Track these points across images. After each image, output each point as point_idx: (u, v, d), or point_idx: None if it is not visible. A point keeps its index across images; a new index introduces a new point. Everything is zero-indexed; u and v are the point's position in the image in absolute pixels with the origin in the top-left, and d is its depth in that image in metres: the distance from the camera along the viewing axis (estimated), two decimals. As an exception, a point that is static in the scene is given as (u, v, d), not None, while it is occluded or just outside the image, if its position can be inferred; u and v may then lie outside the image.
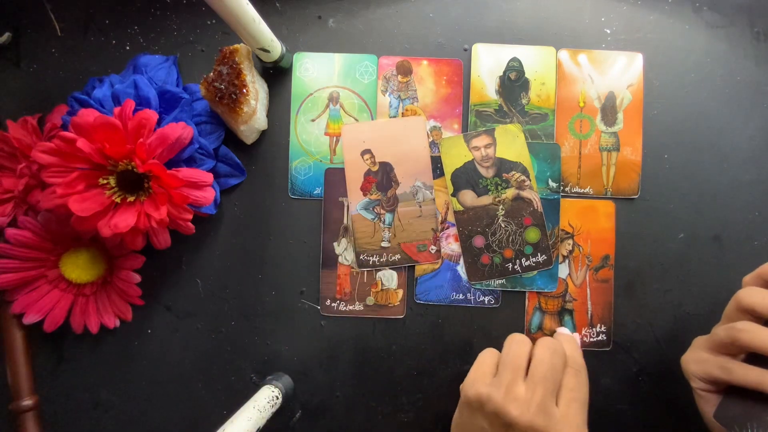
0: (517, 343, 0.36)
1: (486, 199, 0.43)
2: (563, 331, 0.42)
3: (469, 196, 0.43)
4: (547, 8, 0.44)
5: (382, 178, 0.43)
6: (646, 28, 0.44)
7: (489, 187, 0.43)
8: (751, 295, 0.32)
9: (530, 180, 0.42)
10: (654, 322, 0.43)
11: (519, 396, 0.33)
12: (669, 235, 0.43)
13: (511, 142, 0.43)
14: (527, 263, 0.43)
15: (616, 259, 0.43)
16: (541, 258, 0.43)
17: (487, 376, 0.35)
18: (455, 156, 0.43)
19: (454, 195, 0.43)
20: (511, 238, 0.43)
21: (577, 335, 0.42)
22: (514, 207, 0.43)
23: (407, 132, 0.43)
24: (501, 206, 0.43)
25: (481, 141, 0.43)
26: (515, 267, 0.43)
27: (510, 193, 0.42)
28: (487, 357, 0.37)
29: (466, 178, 0.43)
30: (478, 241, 0.43)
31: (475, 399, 0.34)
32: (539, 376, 0.34)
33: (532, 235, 0.42)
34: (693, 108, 0.44)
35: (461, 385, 0.36)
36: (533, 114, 0.43)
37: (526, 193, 0.42)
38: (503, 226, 0.43)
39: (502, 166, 0.43)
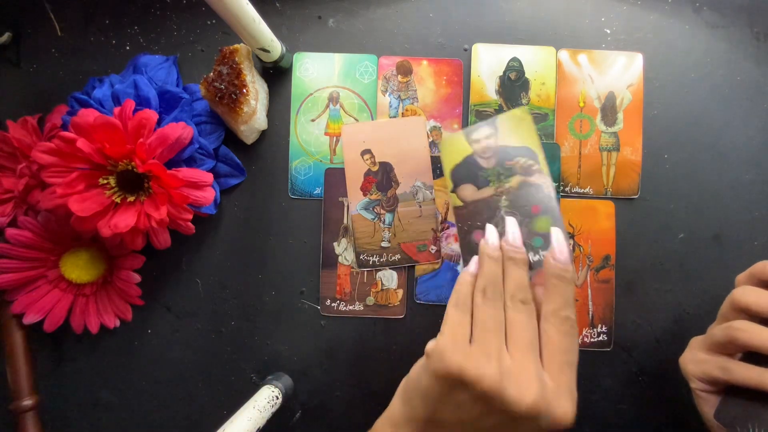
0: (492, 303, 0.31)
1: (487, 191, 0.39)
2: (558, 246, 0.33)
3: (469, 191, 0.40)
4: (547, 8, 0.44)
5: (382, 178, 0.43)
6: (646, 28, 0.44)
7: (490, 178, 0.40)
8: (745, 294, 0.32)
9: (539, 164, 0.38)
10: (654, 322, 0.43)
11: (511, 371, 0.28)
12: (669, 235, 0.43)
13: (516, 127, 0.39)
14: (536, 258, 0.37)
15: (616, 259, 0.43)
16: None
17: (465, 343, 0.30)
18: (454, 152, 0.40)
19: (453, 191, 0.41)
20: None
21: (561, 235, 0.32)
22: (519, 196, 0.39)
23: (407, 132, 0.43)
24: (504, 197, 0.39)
25: (481, 133, 0.40)
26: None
27: (515, 180, 0.39)
28: (459, 317, 0.31)
29: (466, 172, 0.40)
30: (478, 237, 0.39)
31: (457, 375, 0.29)
32: (524, 343, 0.29)
33: (542, 224, 0.38)
34: (693, 108, 0.44)
35: (430, 349, 0.31)
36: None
37: (534, 178, 0.38)
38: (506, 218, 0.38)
39: (504, 154, 0.39)
